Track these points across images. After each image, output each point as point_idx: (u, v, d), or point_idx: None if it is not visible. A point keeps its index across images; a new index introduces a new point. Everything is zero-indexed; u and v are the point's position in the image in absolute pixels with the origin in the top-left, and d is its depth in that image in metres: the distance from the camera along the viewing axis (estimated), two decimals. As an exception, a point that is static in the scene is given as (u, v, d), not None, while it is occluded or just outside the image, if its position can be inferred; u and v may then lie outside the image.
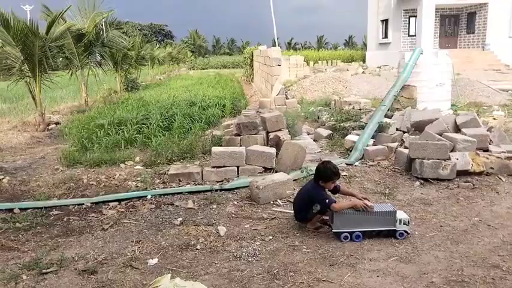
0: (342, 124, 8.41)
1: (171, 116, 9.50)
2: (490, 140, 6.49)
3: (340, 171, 5.94)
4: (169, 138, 7.80)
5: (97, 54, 14.88)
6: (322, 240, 3.99)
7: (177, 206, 4.97)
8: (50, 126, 10.80)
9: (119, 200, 5.17)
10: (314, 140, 8.10)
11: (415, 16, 24.17)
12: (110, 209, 4.96)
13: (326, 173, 4.13)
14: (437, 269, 3.42)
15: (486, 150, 6.17)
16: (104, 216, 4.73)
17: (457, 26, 26.10)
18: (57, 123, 11.26)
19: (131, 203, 5.12)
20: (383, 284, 3.22)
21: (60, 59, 12.54)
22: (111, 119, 9.16)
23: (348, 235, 3.92)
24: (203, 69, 44.24)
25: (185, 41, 64.08)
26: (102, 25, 13.85)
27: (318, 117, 10.17)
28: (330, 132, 8.30)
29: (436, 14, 23.81)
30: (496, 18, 23.02)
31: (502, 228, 4.15)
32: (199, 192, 5.37)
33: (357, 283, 3.24)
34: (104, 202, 5.15)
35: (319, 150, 7.39)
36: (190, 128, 8.78)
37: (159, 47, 37.11)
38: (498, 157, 5.78)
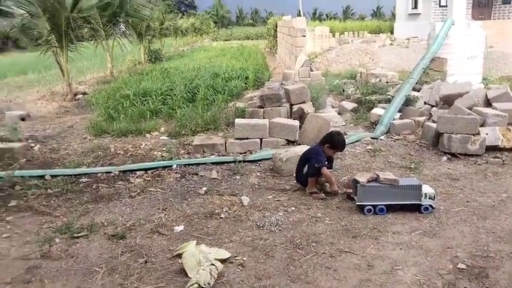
0: (367, 97, 8.23)
1: (194, 87, 9.51)
2: (523, 115, 6.26)
3: (365, 145, 5.93)
4: (193, 110, 7.85)
5: (121, 25, 14.92)
6: (345, 212, 4.00)
7: (201, 176, 5.06)
8: (77, 96, 11.01)
9: (146, 169, 5.30)
10: (338, 113, 7.99)
11: (448, -15, 23.07)
12: (136, 177, 5.09)
13: (337, 140, 4.43)
14: (462, 243, 3.39)
15: (518, 125, 5.96)
16: (131, 184, 4.87)
17: (492, -5, 24.83)
18: (84, 93, 11.47)
19: (157, 172, 5.23)
20: (406, 256, 3.23)
21: (86, 29, 12.63)
22: (136, 90, 9.26)
23: (372, 208, 3.92)
24: (226, 40, 43.76)
25: (208, 12, 63.32)
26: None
27: (343, 90, 9.99)
28: (355, 105, 8.16)
29: (470, -17, 22.68)
30: (536, -13, 21.77)
31: (531, 205, 4.05)
32: (223, 163, 5.43)
33: (380, 255, 3.25)
34: (131, 171, 5.28)
35: (344, 123, 7.30)
36: (214, 99, 8.79)
37: (182, 17, 36.83)
38: (530, 133, 5.59)
